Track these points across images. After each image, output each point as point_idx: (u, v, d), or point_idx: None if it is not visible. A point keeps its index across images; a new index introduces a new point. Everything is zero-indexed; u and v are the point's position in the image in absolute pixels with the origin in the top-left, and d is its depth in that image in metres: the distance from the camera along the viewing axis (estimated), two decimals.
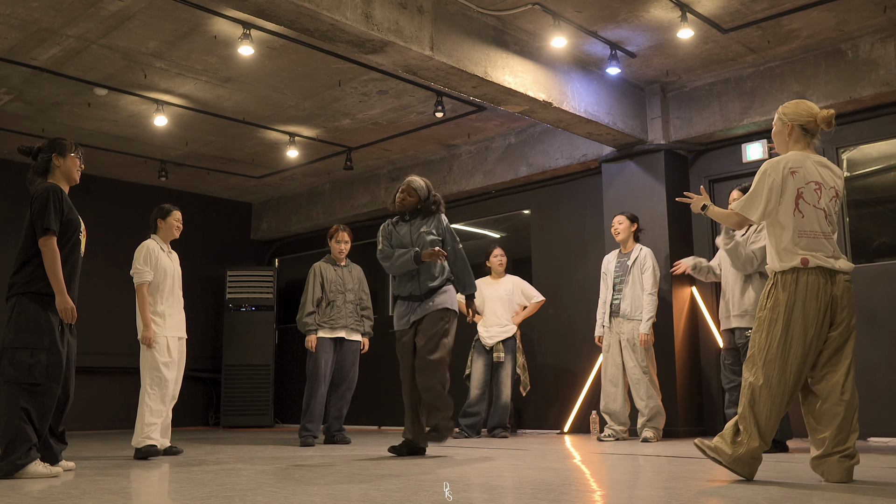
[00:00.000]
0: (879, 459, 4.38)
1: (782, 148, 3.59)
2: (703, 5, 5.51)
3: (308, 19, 4.74)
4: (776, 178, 3.42)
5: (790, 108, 3.57)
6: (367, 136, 8.15)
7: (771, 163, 3.48)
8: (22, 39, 5.84)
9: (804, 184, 3.41)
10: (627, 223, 6.36)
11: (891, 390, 5.81)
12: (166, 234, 5.40)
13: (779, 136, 3.60)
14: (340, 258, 6.42)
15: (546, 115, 6.40)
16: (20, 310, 3.91)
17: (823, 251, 3.37)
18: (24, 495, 3.16)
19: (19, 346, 3.85)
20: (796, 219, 3.39)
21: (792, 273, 3.35)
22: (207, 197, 10.31)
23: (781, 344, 3.31)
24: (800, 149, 3.52)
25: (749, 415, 3.35)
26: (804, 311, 3.31)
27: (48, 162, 4.18)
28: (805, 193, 3.40)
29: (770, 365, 3.32)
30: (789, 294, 3.33)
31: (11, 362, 3.84)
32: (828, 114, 3.46)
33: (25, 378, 3.82)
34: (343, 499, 2.94)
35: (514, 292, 7.15)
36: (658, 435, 6.05)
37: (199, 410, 9.84)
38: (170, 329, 5.21)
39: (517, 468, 4.10)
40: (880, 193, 6.42)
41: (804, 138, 3.53)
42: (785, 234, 3.40)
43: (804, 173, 3.42)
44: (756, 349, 3.39)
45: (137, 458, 4.90)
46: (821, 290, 3.32)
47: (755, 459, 3.35)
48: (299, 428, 6.18)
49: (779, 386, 3.31)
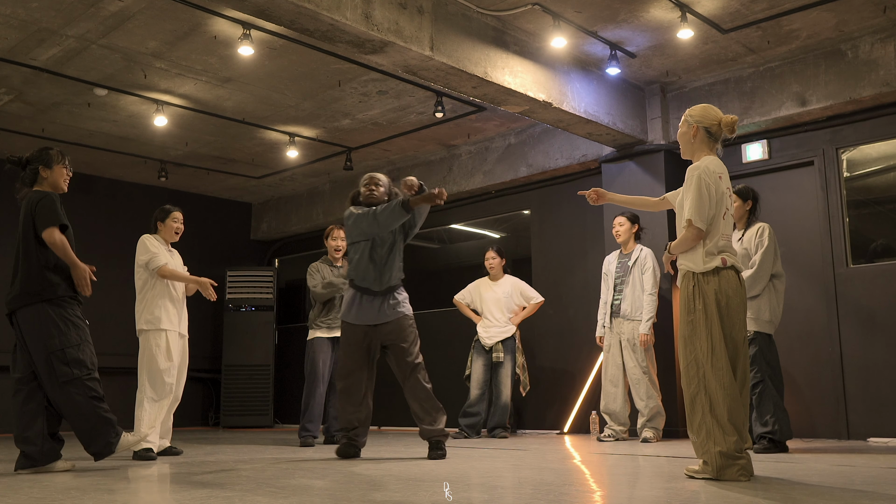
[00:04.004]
0: (879, 459, 4.38)
1: (686, 149, 3.71)
2: (703, 5, 5.51)
3: (308, 19, 4.74)
4: (711, 184, 3.52)
5: (697, 110, 3.70)
6: (367, 137, 8.16)
7: (701, 168, 3.56)
8: (22, 39, 5.84)
9: (725, 188, 3.56)
10: (628, 224, 6.36)
11: (891, 390, 5.81)
12: (166, 236, 5.37)
13: (683, 137, 3.71)
14: (337, 257, 6.42)
15: (546, 115, 6.40)
16: (48, 315, 4.05)
17: (733, 253, 3.55)
18: (25, 495, 3.16)
19: (65, 347, 4.02)
20: (723, 223, 3.53)
21: (714, 272, 3.47)
22: (207, 197, 10.31)
23: (722, 342, 3.39)
24: (706, 152, 3.63)
25: (710, 420, 3.36)
26: (730, 305, 3.43)
27: (36, 173, 4.25)
28: (726, 199, 3.56)
29: (718, 365, 3.37)
30: (716, 292, 3.44)
31: (65, 362, 4.01)
32: (731, 119, 3.60)
33: (82, 372, 4.02)
34: (343, 499, 2.94)
35: (513, 294, 7.15)
36: (658, 435, 6.06)
37: (198, 410, 9.84)
38: (171, 324, 5.14)
39: (517, 468, 4.10)
40: (880, 193, 6.42)
41: (708, 141, 3.64)
42: (712, 238, 3.51)
43: (725, 179, 3.58)
44: (698, 353, 3.41)
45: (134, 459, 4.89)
46: (738, 286, 3.48)
47: (739, 456, 3.33)
48: (299, 428, 6.18)
49: (731, 384, 3.37)
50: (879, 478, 3.48)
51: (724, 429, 3.33)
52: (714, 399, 3.36)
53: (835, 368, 6.07)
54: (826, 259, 6.21)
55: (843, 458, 4.49)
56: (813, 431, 6.11)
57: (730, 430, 3.33)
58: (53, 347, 4.00)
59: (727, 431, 3.33)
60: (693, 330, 3.44)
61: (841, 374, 6.04)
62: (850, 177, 6.37)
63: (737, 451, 3.33)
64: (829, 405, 6.06)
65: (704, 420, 3.37)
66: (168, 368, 5.06)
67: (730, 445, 3.32)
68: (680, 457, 4.65)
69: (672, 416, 6.39)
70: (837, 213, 6.21)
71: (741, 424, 3.36)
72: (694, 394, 3.42)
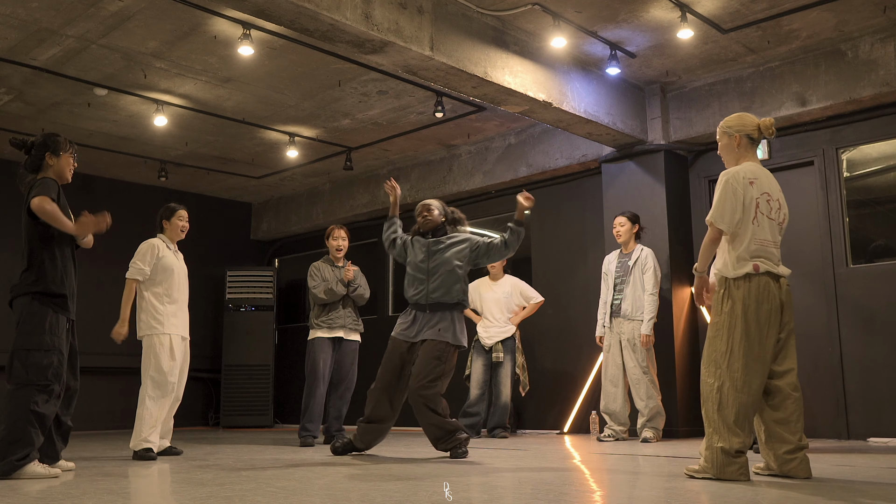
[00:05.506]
0: (879, 459, 4.38)
1: (731, 161, 3.71)
2: (702, 5, 5.51)
3: (308, 19, 4.74)
4: (738, 189, 3.53)
5: (734, 121, 3.72)
6: (367, 137, 8.15)
7: (730, 173, 3.58)
8: (22, 39, 5.84)
9: (760, 194, 3.56)
10: (629, 224, 6.36)
11: (891, 390, 5.81)
12: (172, 235, 5.34)
13: (727, 149, 3.72)
14: (338, 257, 6.41)
15: (546, 115, 6.40)
16: (30, 311, 3.87)
17: (770, 258, 3.54)
18: (24, 495, 3.16)
19: (32, 348, 3.81)
20: (753, 228, 3.52)
21: (745, 279, 3.48)
22: (207, 197, 10.31)
23: (743, 346, 3.43)
24: (748, 159, 3.66)
25: (717, 418, 3.43)
26: (758, 313, 3.45)
27: (41, 159, 4.08)
28: (761, 204, 3.55)
29: (733, 367, 3.43)
30: (744, 298, 3.46)
31: (24, 364, 3.79)
32: (769, 122, 3.64)
33: (39, 380, 3.78)
34: (343, 499, 2.94)
35: (513, 294, 7.15)
36: (658, 435, 6.06)
37: (198, 410, 9.84)
38: (173, 328, 5.14)
39: (517, 468, 4.10)
40: (880, 193, 6.42)
41: (751, 147, 3.67)
42: (741, 243, 3.51)
43: (759, 184, 3.57)
44: (717, 354, 3.49)
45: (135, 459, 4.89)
46: (771, 292, 3.48)
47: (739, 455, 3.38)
48: (299, 428, 6.17)
49: (744, 387, 3.41)
50: (879, 478, 3.49)
51: (729, 429, 3.39)
52: (724, 399, 3.42)
53: (835, 368, 6.07)
54: (826, 259, 6.21)
55: (843, 458, 4.49)
56: (813, 431, 6.10)
57: (735, 431, 3.38)
58: (20, 345, 3.83)
59: (732, 432, 3.38)
60: (716, 332, 3.51)
61: (841, 374, 6.04)
62: (850, 177, 6.37)
63: (739, 450, 3.37)
64: (829, 405, 6.06)
65: (712, 417, 3.44)
66: (171, 368, 5.06)
67: (732, 444, 3.37)
68: (680, 457, 4.65)
69: (672, 416, 6.39)
70: (837, 213, 6.21)
71: (745, 429, 3.40)
72: (708, 392, 3.49)
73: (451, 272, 4.92)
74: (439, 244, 5.02)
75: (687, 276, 6.81)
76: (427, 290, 4.90)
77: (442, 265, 4.93)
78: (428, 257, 4.98)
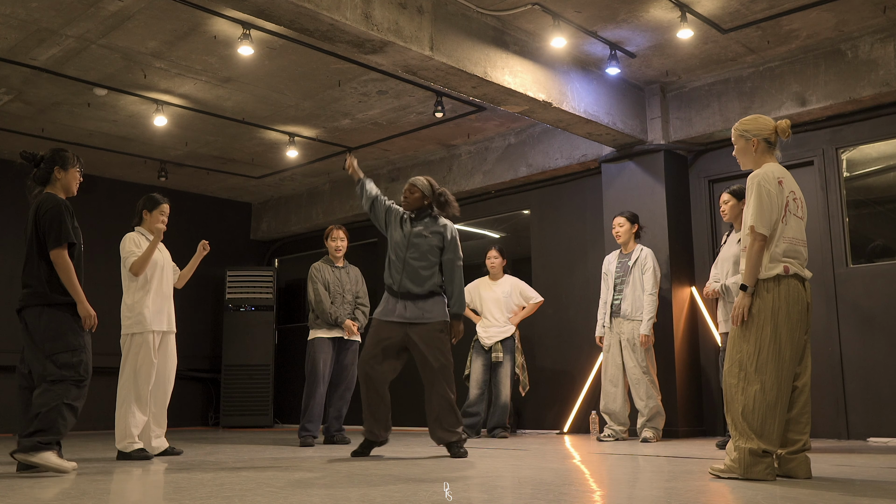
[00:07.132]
0: (879, 459, 4.38)
1: (748, 162, 3.70)
2: (702, 5, 5.51)
3: (308, 19, 4.74)
4: (772, 190, 3.51)
5: (749, 124, 3.69)
6: (367, 136, 8.16)
7: (760, 175, 3.55)
8: (22, 39, 5.84)
9: (788, 192, 3.54)
10: (628, 225, 6.36)
11: (891, 390, 5.81)
12: (150, 227, 5.21)
13: (743, 152, 3.70)
14: (338, 257, 6.41)
15: (546, 115, 6.40)
16: (50, 318, 4.05)
17: (799, 259, 3.52)
18: (24, 495, 3.16)
19: (60, 351, 4.01)
20: (783, 227, 3.50)
21: (775, 280, 3.46)
22: (207, 197, 10.31)
23: (772, 348, 3.40)
24: (767, 161, 3.64)
25: (741, 422, 3.40)
26: (789, 315, 3.42)
27: (50, 173, 4.26)
28: (790, 203, 3.53)
29: (762, 370, 3.40)
30: (774, 300, 3.43)
31: (57, 365, 4.00)
32: (785, 124, 3.62)
33: (73, 376, 3.99)
34: (343, 499, 2.94)
35: (512, 294, 7.15)
36: (658, 435, 6.06)
37: (198, 410, 9.83)
38: (158, 324, 5.09)
39: (517, 468, 4.10)
40: (880, 193, 6.42)
41: (769, 149, 3.65)
42: (773, 243, 3.49)
43: (787, 183, 3.56)
44: (744, 356, 3.45)
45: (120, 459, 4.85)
46: (800, 295, 3.47)
47: (766, 455, 3.37)
48: (299, 428, 6.17)
49: (772, 389, 3.39)
50: (879, 478, 3.49)
51: (755, 431, 3.37)
52: (749, 402, 3.39)
53: (835, 368, 6.07)
54: (826, 259, 6.21)
55: (843, 458, 4.49)
56: (813, 431, 6.04)
57: (759, 433, 3.36)
58: (49, 351, 4.01)
59: (758, 434, 3.37)
60: (743, 333, 3.48)
61: (841, 374, 6.04)
62: (850, 177, 6.37)
63: (766, 450, 3.36)
64: (829, 405, 6.06)
65: (738, 420, 3.42)
66: (151, 368, 5.01)
67: (759, 445, 3.36)
68: (680, 457, 4.65)
69: (672, 416, 6.39)
70: (837, 213, 6.21)
71: (773, 433, 3.37)
72: (733, 394, 3.46)
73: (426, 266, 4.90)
74: (420, 236, 4.93)
75: (686, 276, 6.82)
76: (402, 280, 4.89)
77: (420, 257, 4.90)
78: (406, 247, 4.93)
